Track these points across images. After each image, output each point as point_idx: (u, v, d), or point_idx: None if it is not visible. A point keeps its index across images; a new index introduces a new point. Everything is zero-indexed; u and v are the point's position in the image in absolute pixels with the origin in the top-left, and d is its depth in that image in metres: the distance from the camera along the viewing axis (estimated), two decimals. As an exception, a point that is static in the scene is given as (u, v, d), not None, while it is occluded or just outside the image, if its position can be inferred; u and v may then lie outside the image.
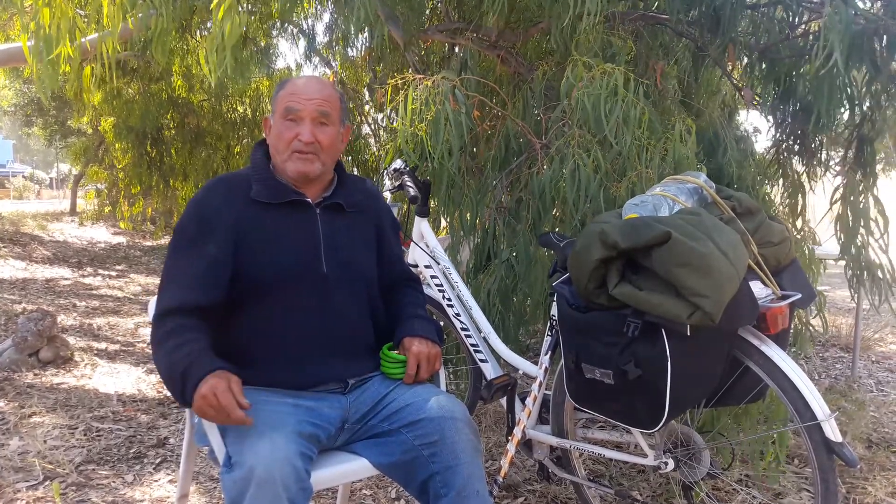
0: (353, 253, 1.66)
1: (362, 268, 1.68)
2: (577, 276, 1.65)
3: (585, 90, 2.21)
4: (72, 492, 2.32)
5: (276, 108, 1.61)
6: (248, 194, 1.59)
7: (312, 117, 1.58)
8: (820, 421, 1.53)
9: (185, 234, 1.55)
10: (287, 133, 1.58)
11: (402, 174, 2.39)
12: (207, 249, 1.52)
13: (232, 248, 1.54)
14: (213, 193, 1.59)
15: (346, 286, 1.63)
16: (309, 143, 1.57)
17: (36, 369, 3.69)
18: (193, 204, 1.58)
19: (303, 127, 1.57)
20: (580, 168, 2.22)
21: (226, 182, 1.62)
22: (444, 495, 1.47)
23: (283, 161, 1.60)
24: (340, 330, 1.62)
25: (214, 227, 1.54)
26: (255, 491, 1.26)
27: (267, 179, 1.62)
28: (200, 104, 8.61)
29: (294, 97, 1.58)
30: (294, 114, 1.58)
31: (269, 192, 1.60)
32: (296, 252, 1.59)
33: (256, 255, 1.55)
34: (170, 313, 1.47)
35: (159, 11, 2.60)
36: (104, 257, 9.43)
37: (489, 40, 3.25)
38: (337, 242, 1.64)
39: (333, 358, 1.61)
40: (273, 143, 1.62)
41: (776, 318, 1.59)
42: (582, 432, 2.07)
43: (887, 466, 2.59)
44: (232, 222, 1.55)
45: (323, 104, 1.59)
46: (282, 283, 1.56)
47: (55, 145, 16.62)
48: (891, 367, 4.22)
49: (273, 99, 1.65)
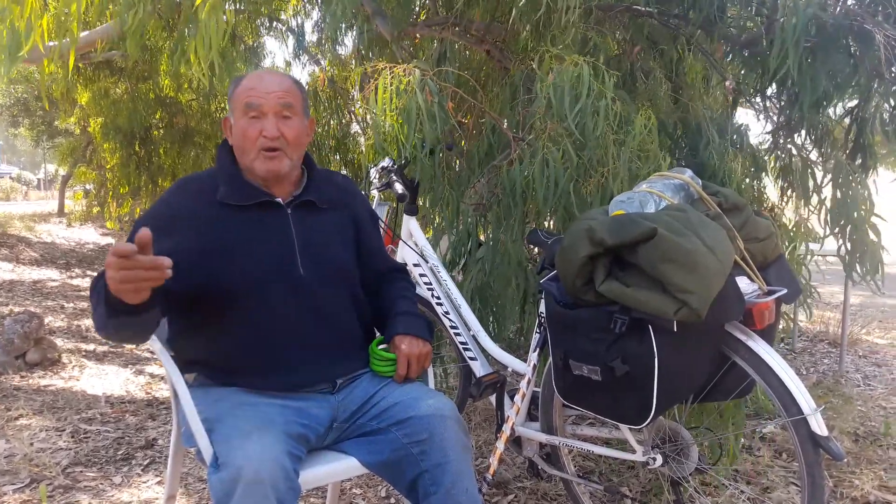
0: (330, 251, 1.62)
1: (341, 265, 1.64)
2: (564, 273, 1.65)
3: (553, 83, 2.18)
4: (59, 494, 2.30)
5: (235, 106, 1.54)
6: (215, 196, 1.54)
7: (275, 111, 1.52)
8: (806, 415, 1.53)
9: (144, 224, 1.38)
10: (251, 130, 1.51)
11: (390, 172, 2.39)
12: (162, 244, 1.35)
13: (195, 252, 1.46)
14: (180, 194, 1.55)
15: (325, 286, 1.59)
16: (275, 139, 1.51)
17: (23, 371, 3.67)
18: (160, 202, 1.54)
19: (266, 122, 1.51)
20: (549, 162, 2.20)
21: (195, 182, 1.57)
22: (434, 493, 1.47)
23: (251, 161, 1.53)
24: (324, 330, 1.59)
25: (176, 227, 1.48)
26: (242, 491, 1.25)
27: (234, 181, 1.56)
28: (189, 103, 8.57)
29: (253, 92, 1.52)
30: (255, 109, 1.51)
31: (237, 194, 1.54)
32: (268, 257, 1.53)
33: (226, 262, 1.49)
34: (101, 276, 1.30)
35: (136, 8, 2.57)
36: (92, 258, 9.37)
37: (477, 35, 3.25)
38: (312, 241, 1.59)
39: (321, 359, 1.58)
40: (237, 143, 1.56)
41: (763, 313, 1.60)
42: (571, 429, 2.07)
43: (874, 460, 2.61)
44: (198, 224, 1.50)
45: (284, 96, 1.53)
46: (257, 290, 1.52)
47: (42, 146, 16.52)
48: (878, 362, 4.25)
49: (230, 97, 1.57)
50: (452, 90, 2.47)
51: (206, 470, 1.39)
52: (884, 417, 3.10)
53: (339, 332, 1.62)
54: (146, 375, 3.80)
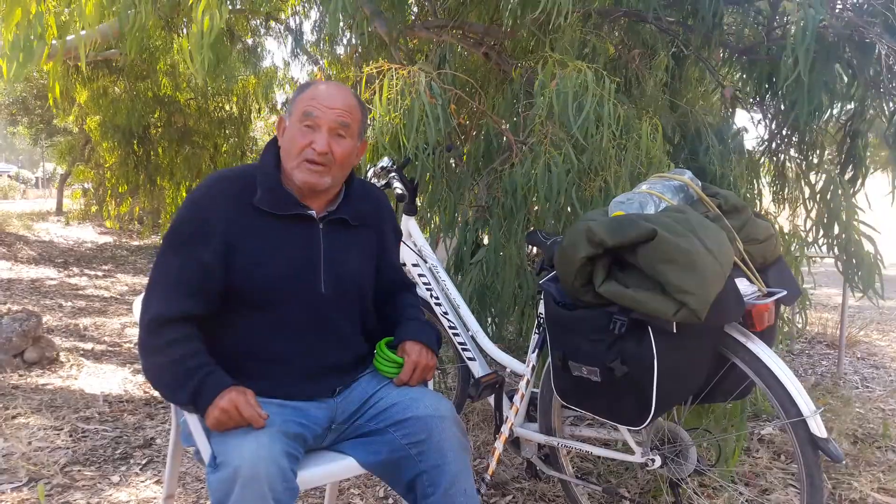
0: (353, 268, 1.60)
1: (359, 281, 1.62)
2: (563, 274, 1.65)
3: (556, 88, 2.19)
4: (57, 493, 2.29)
5: (294, 110, 1.52)
6: (251, 199, 1.50)
7: (330, 127, 1.49)
8: (805, 417, 1.54)
9: (180, 233, 1.48)
10: (301, 139, 1.49)
11: (389, 172, 2.38)
12: (201, 255, 1.45)
13: (223, 256, 1.46)
14: (212, 193, 1.50)
15: (342, 304, 1.58)
16: (322, 154, 1.48)
17: (21, 370, 3.66)
18: (191, 202, 1.50)
19: (318, 135, 1.49)
20: (551, 166, 2.21)
21: (228, 181, 1.53)
22: (431, 494, 1.47)
23: (293, 168, 1.50)
24: (333, 347, 1.58)
25: (210, 231, 1.46)
26: (240, 490, 1.25)
27: (274, 186, 1.53)
28: (187, 102, 8.57)
29: (314, 102, 1.50)
30: (311, 119, 1.49)
31: (273, 202, 1.51)
32: (293, 268, 1.51)
33: (250, 266, 1.48)
34: (168, 322, 1.42)
35: (137, 9, 2.57)
36: (90, 257, 9.35)
37: (475, 37, 3.25)
38: (337, 259, 1.57)
39: (324, 374, 1.58)
40: (285, 146, 1.53)
41: (762, 314, 1.60)
42: (570, 430, 2.07)
43: (873, 462, 2.61)
44: (228, 227, 1.47)
45: (344, 115, 1.51)
46: (275, 300, 1.51)
47: (41, 144, 16.50)
48: (876, 364, 4.26)
49: (292, 100, 1.55)
50: (454, 92, 2.47)
51: (203, 469, 1.39)
52: (882, 419, 3.10)
53: (346, 347, 1.62)
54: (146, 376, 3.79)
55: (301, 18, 6.77)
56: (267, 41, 24.74)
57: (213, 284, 1.46)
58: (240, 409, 1.34)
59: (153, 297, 1.46)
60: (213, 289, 1.46)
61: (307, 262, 1.54)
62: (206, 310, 1.47)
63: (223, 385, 1.38)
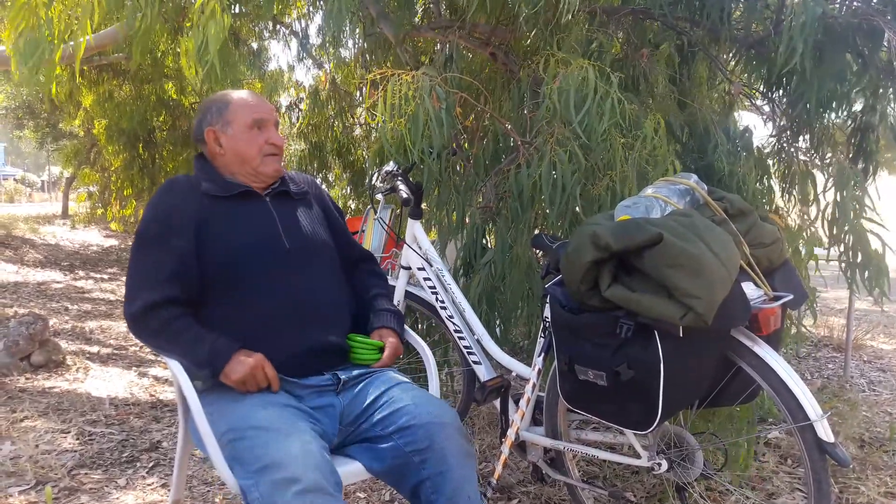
0: (310, 230, 1.78)
1: (322, 242, 1.79)
2: (569, 278, 1.65)
3: (559, 86, 2.18)
4: (64, 496, 2.30)
5: (234, 120, 1.73)
6: (200, 190, 1.69)
7: (274, 122, 1.78)
8: (812, 421, 1.53)
9: (147, 233, 1.62)
10: (257, 140, 1.73)
11: (395, 177, 2.38)
12: (174, 243, 1.59)
13: (195, 238, 1.62)
14: (169, 193, 1.68)
15: (311, 260, 1.73)
16: (279, 146, 1.76)
17: (28, 373, 3.67)
18: (152, 207, 1.67)
19: (271, 132, 1.76)
20: (557, 166, 2.20)
21: (178, 183, 1.71)
22: (435, 501, 1.48)
23: (257, 166, 1.73)
24: (314, 301, 1.68)
25: (176, 223, 1.62)
26: (299, 490, 1.27)
27: (215, 178, 1.74)
28: (192, 106, 8.59)
29: (257, 108, 1.75)
30: (261, 122, 1.74)
31: (221, 187, 1.71)
32: (255, 233, 1.68)
33: (218, 241, 1.63)
34: (157, 306, 1.54)
35: (144, 12, 2.58)
36: (96, 260, 9.38)
37: (482, 38, 3.25)
38: (292, 223, 1.75)
39: (312, 327, 1.64)
40: (237, 153, 1.73)
41: (768, 318, 1.60)
42: (575, 434, 2.07)
43: (880, 466, 2.60)
44: (192, 215, 1.64)
45: (274, 112, 1.80)
46: (247, 265, 1.63)
47: (47, 148, 16.55)
48: (883, 367, 4.24)
49: (219, 113, 1.74)
50: (460, 96, 2.47)
51: (211, 473, 1.39)
52: (889, 423, 3.09)
53: (329, 300, 1.73)
54: (150, 378, 3.80)
55: (307, 22, 6.78)
56: (272, 45, 24.80)
57: (189, 270, 1.60)
58: (265, 368, 1.51)
59: (136, 289, 1.57)
60: (190, 274, 1.60)
61: (266, 228, 1.71)
62: (187, 295, 1.59)
63: (234, 347, 1.53)
